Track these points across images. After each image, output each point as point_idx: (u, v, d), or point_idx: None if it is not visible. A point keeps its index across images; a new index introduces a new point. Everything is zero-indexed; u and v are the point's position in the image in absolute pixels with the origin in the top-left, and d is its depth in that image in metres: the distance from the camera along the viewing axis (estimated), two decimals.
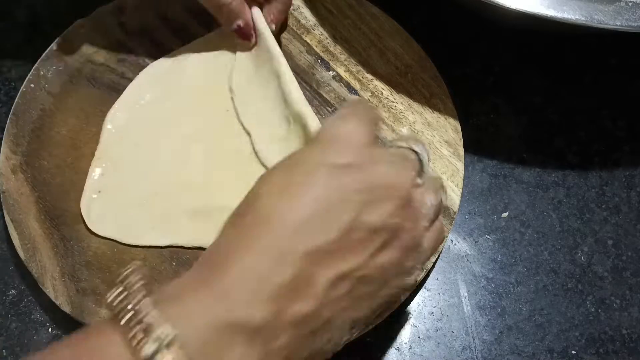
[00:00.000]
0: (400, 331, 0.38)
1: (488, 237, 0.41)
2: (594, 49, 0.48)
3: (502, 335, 0.38)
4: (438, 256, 0.38)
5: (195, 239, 0.38)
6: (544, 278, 0.40)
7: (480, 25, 0.47)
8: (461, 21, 0.48)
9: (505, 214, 0.42)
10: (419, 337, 0.38)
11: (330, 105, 0.43)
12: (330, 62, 0.44)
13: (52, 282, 0.36)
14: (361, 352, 0.37)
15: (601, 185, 0.43)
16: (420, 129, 0.42)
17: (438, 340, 0.38)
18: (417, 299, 0.39)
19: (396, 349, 0.38)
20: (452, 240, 0.41)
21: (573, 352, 0.38)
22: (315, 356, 0.25)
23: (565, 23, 0.35)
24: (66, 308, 0.36)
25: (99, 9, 0.45)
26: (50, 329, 0.38)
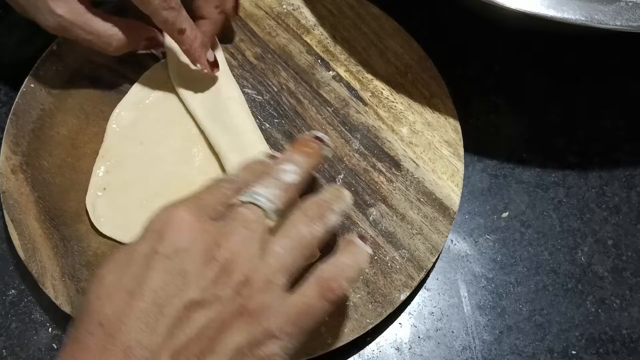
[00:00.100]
0: (400, 331, 0.38)
1: (488, 237, 0.41)
2: (594, 49, 0.48)
3: (502, 335, 0.38)
4: (438, 256, 0.38)
5: None
6: (544, 278, 0.40)
7: (480, 25, 0.47)
8: (461, 21, 0.48)
9: (505, 214, 0.42)
10: (419, 337, 0.38)
11: (330, 105, 0.43)
12: (330, 62, 0.44)
13: (52, 282, 0.36)
14: (361, 352, 0.37)
15: (601, 185, 0.43)
16: (420, 129, 0.42)
17: (438, 340, 0.38)
18: (417, 299, 0.39)
19: (396, 349, 0.38)
20: (452, 240, 0.41)
21: (573, 352, 0.38)
22: None
23: (565, 23, 0.35)
24: (66, 308, 0.36)
25: (99, 9, 0.45)
26: (50, 329, 0.38)
